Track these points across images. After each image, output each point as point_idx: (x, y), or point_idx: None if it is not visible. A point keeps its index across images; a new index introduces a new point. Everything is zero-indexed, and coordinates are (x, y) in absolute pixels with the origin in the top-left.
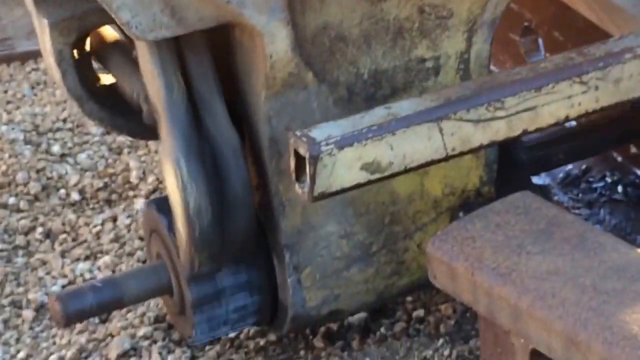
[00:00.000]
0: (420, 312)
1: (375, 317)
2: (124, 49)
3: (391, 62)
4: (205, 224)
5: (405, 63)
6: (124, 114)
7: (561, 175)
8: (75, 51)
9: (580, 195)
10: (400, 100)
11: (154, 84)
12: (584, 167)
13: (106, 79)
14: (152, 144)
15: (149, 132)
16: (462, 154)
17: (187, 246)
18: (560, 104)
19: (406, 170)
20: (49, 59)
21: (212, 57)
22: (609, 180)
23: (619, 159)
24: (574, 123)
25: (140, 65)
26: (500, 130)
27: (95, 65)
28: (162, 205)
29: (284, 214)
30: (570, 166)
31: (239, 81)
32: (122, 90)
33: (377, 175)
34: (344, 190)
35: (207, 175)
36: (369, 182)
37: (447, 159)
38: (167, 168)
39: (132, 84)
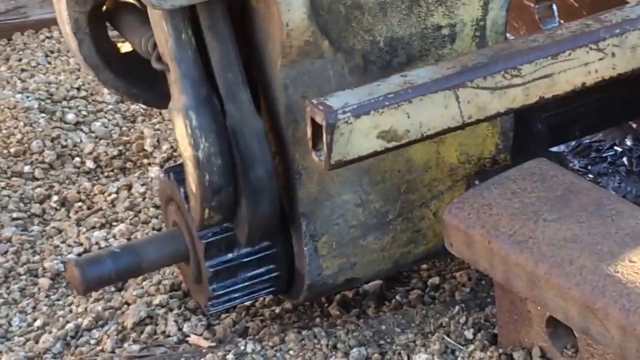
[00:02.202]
0: (435, 280)
1: (390, 285)
2: (134, 6)
3: (407, 29)
4: (215, 175)
5: (421, 31)
6: (139, 82)
7: (574, 143)
8: (91, 20)
9: (593, 163)
10: (416, 68)
11: (163, 37)
12: (598, 135)
13: (122, 47)
14: (165, 112)
15: (164, 100)
16: (478, 121)
17: (198, 196)
18: (576, 71)
19: (423, 138)
20: (65, 28)
21: (236, 45)
22: (622, 148)
23: (634, 125)
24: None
25: (150, 19)
26: (516, 98)
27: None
28: (178, 173)
29: (301, 182)
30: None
31: (255, 50)
32: (132, 43)
33: (393, 144)
34: (360, 159)
35: (216, 126)
36: (386, 150)
37: (463, 126)
38: (177, 120)
39: (140, 36)
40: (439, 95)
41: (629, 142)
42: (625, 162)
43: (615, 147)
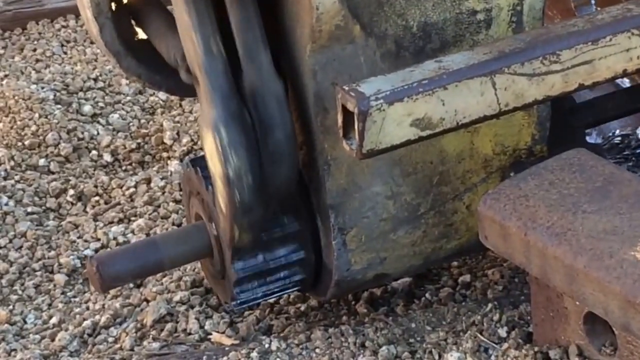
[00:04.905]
0: (466, 278)
1: (419, 283)
2: (161, 6)
3: (441, 14)
4: (246, 192)
5: (456, 15)
6: (162, 70)
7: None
8: (113, 4)
9: (622, 161)
10: (450, 54)
11: (192, 48)
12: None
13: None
14: (186, 103)
15: (188, 89)
16: (515, 109)
17: (227, 216)
18: (618, 57)
19: (458, 127)
20: (85, 13)
21: (257, 7)
22: None
23: None
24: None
25: (178, 28)
26: (555, 85)
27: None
28: (202, 164)
29: (330, 173)
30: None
31: (284, 35)
32: (159, 50)
33: (427, 132)
34: (393, 148)
35: (247, 142)
36: (420, 139)
37: (499, 114)
38: (206, 136)
39: (168, 44)
40: (475, 82)
41: None
42: None
43: None
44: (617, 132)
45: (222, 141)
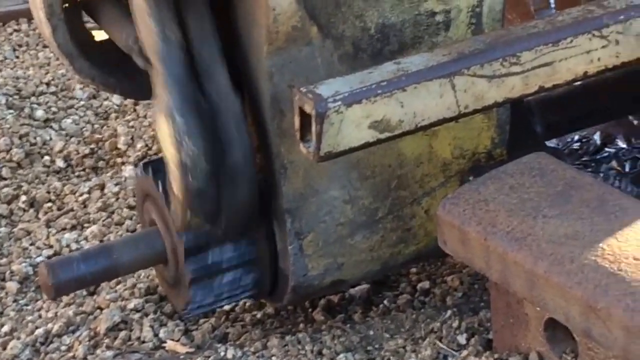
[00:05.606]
0: (425, 284)
1: (377, 290)
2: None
3: (399, 15)
4: (200, 179)
5: (414, 17)
6: (116, 72)
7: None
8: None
9: (582, 166)
10: (408, 56)
11: (148, 33)
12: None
13: (98, 35)
14: (140, 108)
15: (142, 91)
16: (475, 111)
17: (181, 203)
18: (578, 59)
19: (417, 129)
20: (38, 14)
21: (213, 18)
22: (613, 149)
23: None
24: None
25: (133, 14)
26: (515, 87)
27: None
28: (157, 167)
29: (286, 177)
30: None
31: (240, 36)
32: (113, 37)
33: (386, 134)
34: (351, 150)
35: (203, 130)
36: (378, 142)
37: (459, 117)
38: (161, 122)
39: (123, 31)
40: (434, 84)
41: (619, 143)
42: (615, 165)
43: (606, 149)
44: (576, 137)
45: (176, 126)
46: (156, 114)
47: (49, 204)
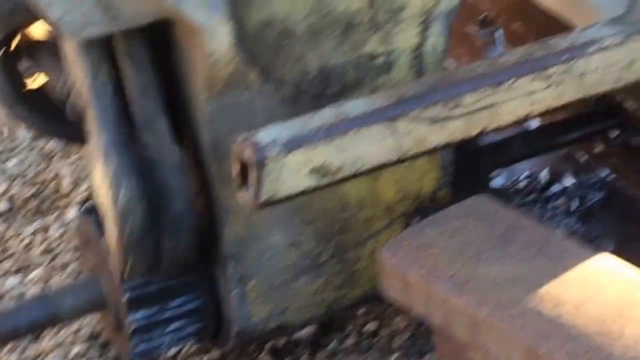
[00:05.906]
0: (372, 326)
1: (325, 332)
2: (55, 44)
3: (340, 58)
4: (137, 222)
5: (356, 59)
6: (55, 117)
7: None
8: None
9: (530, 204)
10: (350, 98)
11: (79, 72)
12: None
13: (34, 82)
14: (85, 150)
15: (81, 136)
16: (417, 155)
17: (118, 248)
18: (521, 100)
19: (359, 174)
20: None
21: (154, 66)
22: (560, 187)
23: (582, 159)
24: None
25: (65, 56)
26: (457, 130)
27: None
28: (98, 212)
29: (227, 222)
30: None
31: (179, 83)
32: (51, 85)
33: (326, 180)
34: (291, 197)
35: (138, 171)
36: (319, 188)
37: (401, 161)
38: (96, 163)
39: (59, 77)
40: (376, 128)
41: (567, 180)
42: (563, 202)
43: (554, 186)
44: (523, 175)
45: (111, 168)
46: (91, 158)
47: None
